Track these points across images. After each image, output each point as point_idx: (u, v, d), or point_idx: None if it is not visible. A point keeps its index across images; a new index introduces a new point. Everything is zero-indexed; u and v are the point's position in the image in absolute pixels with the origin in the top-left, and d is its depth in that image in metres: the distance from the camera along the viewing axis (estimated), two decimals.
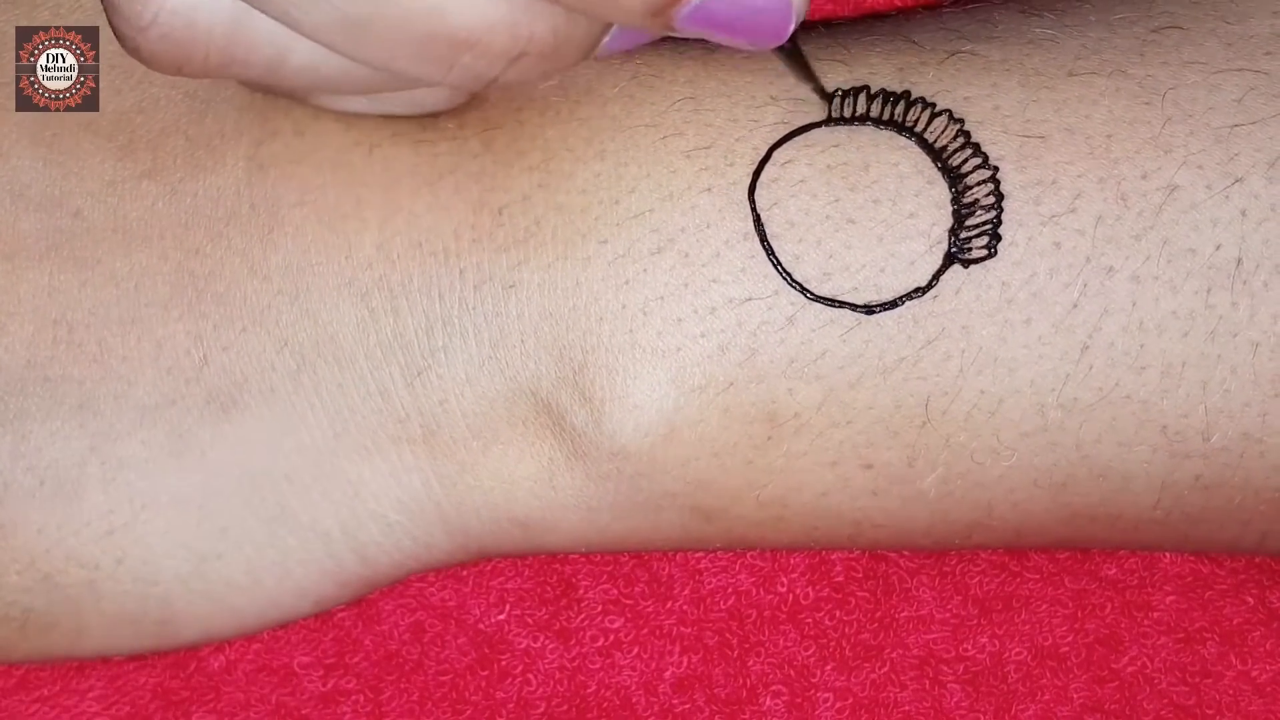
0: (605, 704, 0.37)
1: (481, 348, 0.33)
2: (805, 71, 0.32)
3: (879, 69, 0.33)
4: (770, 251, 0.32)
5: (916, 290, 0.32)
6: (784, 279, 0.32)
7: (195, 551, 0.34)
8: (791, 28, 0.29)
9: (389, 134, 0.34)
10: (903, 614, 0.37)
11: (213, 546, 0.34)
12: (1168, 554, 0.37)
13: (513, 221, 0.33)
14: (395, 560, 0.35)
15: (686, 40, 0.33)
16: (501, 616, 0.37)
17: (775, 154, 0.33)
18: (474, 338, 0.33)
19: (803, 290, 0.32)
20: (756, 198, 0.32)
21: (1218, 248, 0.32)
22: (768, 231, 0.32)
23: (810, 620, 0.37)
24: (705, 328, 0.32)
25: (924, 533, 0.35)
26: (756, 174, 0.33)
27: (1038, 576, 0.37)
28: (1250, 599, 0.37)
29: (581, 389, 0.33)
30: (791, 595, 0.37)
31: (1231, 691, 0.36)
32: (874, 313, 0.32)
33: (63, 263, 0.34)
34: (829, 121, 0.33)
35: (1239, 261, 0.32)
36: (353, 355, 0.34)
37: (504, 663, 0.37)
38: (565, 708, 0.37)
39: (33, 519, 0.34)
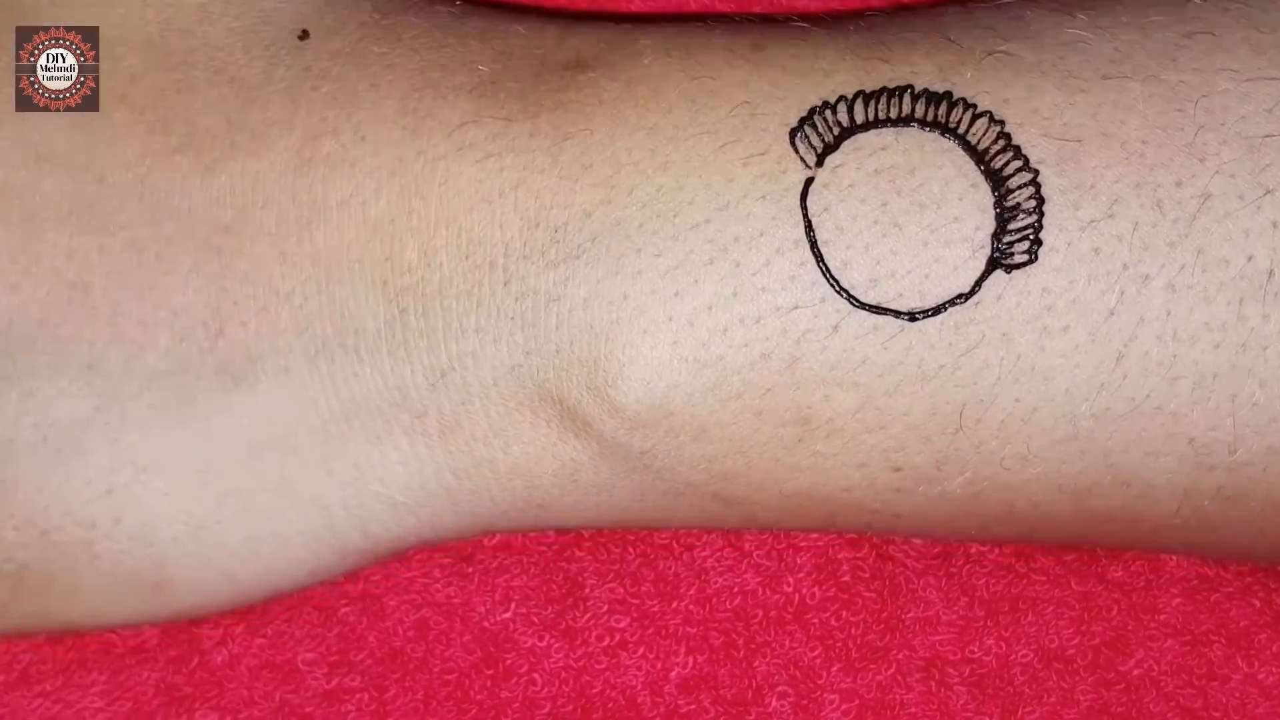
0: (610, 704, 0.36)
1: (514, 355, 0.33)
2: None
3: (920, 68, 0.33)
4: (820, 259, 0.32)
5: (960, 296, 0.32)
6: (832, 287, 0.32)
7: (194, 516, 0.34)
8: None
9: (455, 147, 0.33)
10: (909, 615, 0.37)
11: (212, 512, 0.34)
12: (1174, 556, 0.37)
13: (567, 239, 0.33)
14: (397, 536, 0.35)
15: (735, 30, 0.33)
16: (507, 615, 0.37)
17: (827, 159, 0.32)
18: (506, 345, 0.33)
19: (850, 298, 0.32)
20: (808, 203, 0.32)
21: (1250, 259, 0.32)
22: (818, 238, 0.32)
23: (816, 621, 0.37)
24: (749, 336, 0.32)
25: (941, 525, 0.35)
26: (809, 180, 0.32)
27: (1044, 579, 0.37)
28: (1257, 601, 0.37)
29: (613, 400, 0.33)
30: (798, 595, 0.37)
31: (1238, 694, 0.36)
32: (918, 319, 0.32)
33: (83, 226, 0.33)
34: (877, 123, 0.33)
35: (1270, 273, 0.32)
36: (374, 350, 0.33)
37: (509, 662, 0.37)
38: (570, 708, 0.36)
39: (34, 475, 0.34)
